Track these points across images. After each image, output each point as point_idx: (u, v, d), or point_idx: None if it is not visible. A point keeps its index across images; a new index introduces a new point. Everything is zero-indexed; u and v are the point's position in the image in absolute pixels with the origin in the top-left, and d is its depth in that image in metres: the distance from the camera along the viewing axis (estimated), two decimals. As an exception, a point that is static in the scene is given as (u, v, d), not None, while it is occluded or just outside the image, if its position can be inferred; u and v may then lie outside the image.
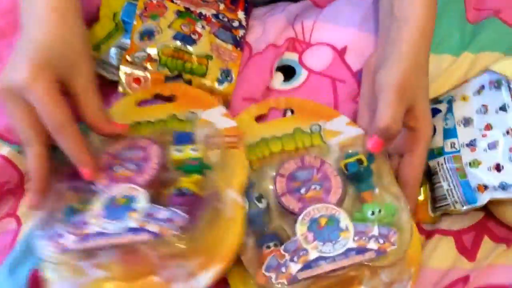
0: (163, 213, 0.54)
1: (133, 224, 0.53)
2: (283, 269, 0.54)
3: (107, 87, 0.70)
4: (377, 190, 0.60)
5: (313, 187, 0.60)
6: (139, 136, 0.62)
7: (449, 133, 0.66)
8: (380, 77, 0.62)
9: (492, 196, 0.61)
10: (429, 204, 0.65)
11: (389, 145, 0.62)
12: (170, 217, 0.53)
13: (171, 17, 0.72)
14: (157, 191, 0.57)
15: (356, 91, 0.72)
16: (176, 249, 0.53)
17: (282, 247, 0.55)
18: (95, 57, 0.70)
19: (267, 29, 0.77)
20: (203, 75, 0.70)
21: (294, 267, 0.54)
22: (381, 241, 0.55)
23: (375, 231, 0.56)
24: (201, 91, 0.69)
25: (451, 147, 0.65)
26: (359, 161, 0.61)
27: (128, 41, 0.70)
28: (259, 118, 0.70)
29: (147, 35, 0.70)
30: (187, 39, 0.71)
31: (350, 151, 0.62)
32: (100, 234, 0.53)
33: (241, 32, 0.76)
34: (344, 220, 0.56)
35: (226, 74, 0.71)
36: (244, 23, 0.77)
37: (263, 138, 0.66)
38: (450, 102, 0.67)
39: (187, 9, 0.74)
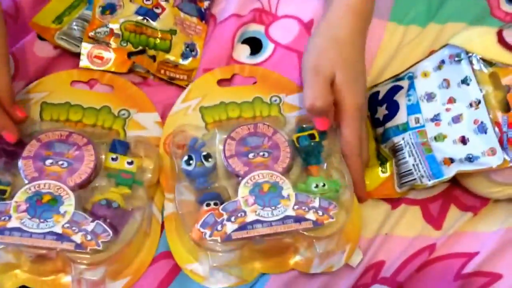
0: (89, 224, 0.54)
1: (57, 229, 0.53)
2: (219, 227, 0.55)
3: (70, 59, 0.71)
4: (325, 166, 0.62)
5: (261, 153, 0.61)
6: (74, 130, 0.61)
7: (413, 108, 0.66)
8: (302, 61, 0.66)
9: (458, 169, 0.61)
10: (395, 180, 0.66)
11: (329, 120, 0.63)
12: (95, 230, 0.53)
13: None
14: (84, 194, 0.57)
15: None
16: (93, 259, 0.54)
17: (221, 206, 0.57)
18: (57, 30, 0.71)
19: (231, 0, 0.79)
20: (167, 50, 0.71)
21: (230, 227, 0.55)
22: (320, 213, 0.56)
23: (316, 203, 0.57)
24: (139, 90, 0.69)
25: (416, 122, 0.65)
26: (311, 136, 0.62)
27: (90, 13, 0.71)
28: (222, 83, 0.71)
29: (109, 9, 0.71)
30: (150, 14, 0.71)
31: (304, 126, 0.64)
32: (19, 230, 0.52)
33: (206, 4, 0.76)
34: (287, 189, 0.58)
35: (190, 49, 0.73)
36: None
37: (222, 102, 0.68)
38: (411, 78, 0.68)
39: None
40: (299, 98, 0.69)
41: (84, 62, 0.68)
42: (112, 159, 0.59)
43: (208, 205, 0.58)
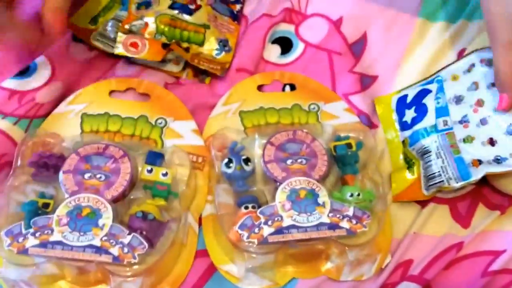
0: (126, 237, 0.55)
1: (96, 242, 0.54)
2: (256, 230, 0.56)
3: (104, 61, 0.72)
4: (360, 176, 0.62)
5: (299, 160, 0.61)
6: (111, 142, 0.62)
7: (441, 111, 0.65)
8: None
9: (487, 171, 0.60)
10: (422, 182, 0.65)
11: None
12: (132, 243, 0.54)
13: None
14: (121, 206, 0.58)
15: (352, 63, 0.74)
16: (131, 271, 0.55)
17: (259, 210, 0.58)
18: (93, 30, 0.72)
19: (262, 0, 0.78)
20: (201, 43, 0.71)
21: (267, 230, 0.56)
22: (354, 221, 0.57)
23: (350, 211, 0.57)
24: (176, 98, 0.69)
25: (444, 125, 0.64)
26: (348, 145, 0.62)
27: (125, 14, 0.72)
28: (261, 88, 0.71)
29: (144, 5, 0.72)
30: (185, 9, 0.72)
31: (341, 135, 0.64)
32: (61, 243, 0.54)
33: (238, 7, 0.77)
34: (323, 197, 0.58)
35: (223, 44, 0.73)
36: None
37: (261, 107, 0.69)
38: (440, 81, 0.67)
39: None
40: (336, 107, 0.69)
41: (119, 49, 0.69)
42: (148, 171, 0.60)
43: (246, 207, 0.59)
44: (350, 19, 0.76)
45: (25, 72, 0.68)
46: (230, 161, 0.61)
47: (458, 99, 0.65)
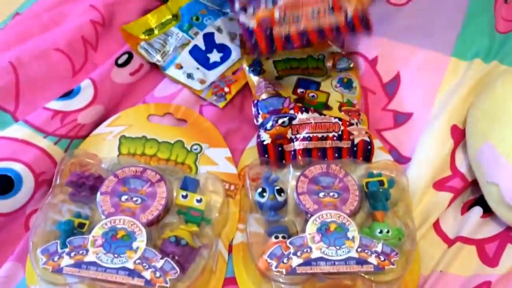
0: (159, 261, 0.56)
1: (129, 265, 0.55)
2: (285, 260, 0.57)
3: (143, 86, 0.76)
4: (390, 213, 0.62)
5: (331, 194, 0.62)
6: (148, 166, 0.63)
7: None
8: None
9: None
10: None
11: None
12: (164, 267, 0.55)
13: None
14: (155, 230, 0.60)
15: (385, 101, 0.75)
16: None
17: (289, 240, 0.58)
18: (143, 40, 0.75)
19: None
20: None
21: (296, 261, 0.57)
22: (382, 258, 0.57)
23: (379, 248, 0.58)
24: (212, 125, 0.71)
25: None
26: (381, 183, 0.63)
27: (178, 31, 0.76)
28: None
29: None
30: None
31: (374, 172, 0.65)
32: (95, 264, 0.55)
33: None
34: (353, 231, 0.59)
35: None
36: None
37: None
38: None
39: None
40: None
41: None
42: (183, 196, 0.61)
43: (276, 237, 0.60)
44: (384, 58, 0.78)
45: (69, 94, 0.70)
46: (264, 190, 0.62)
47: None
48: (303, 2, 0.65)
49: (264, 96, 0.72)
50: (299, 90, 0.73)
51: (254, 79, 0.75)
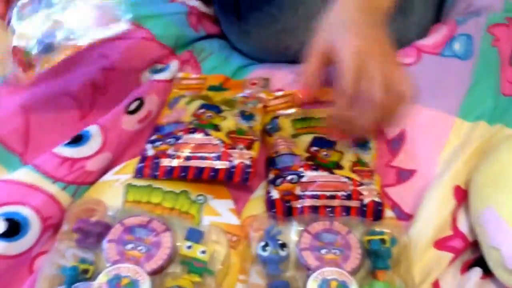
0: None
1: None
2: (286, 316, 0.58)
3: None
4: (391, 272, 0.63)
5: (333, 251, 0.63)
6: (155, 216, 0.64)
7: None
8: None
9: None
10: None
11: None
12: None
13: None
14: (159, 279, 0.60)
15: (389, 158, 0.76)
16: None
17: (289, 297, 0.59)
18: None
19: None
20: None
21: None
22: None
23: (379, 307, 0.58)
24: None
25: None
26: (382, 241, 0.64)
27: None
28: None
29: None
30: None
31: (376, 229, 0.65)
32: None
33: None
34: (353, 290, 0.59)
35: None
36: None
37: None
38: None
39: None
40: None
41: None
42: (187, 247, 0.62)
43: (277, 292, 0.60)
44: None
45: (78, 140, 0.71)
46: (266, 244, 0.63)
47: None
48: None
49: (277, 153, 0.74)
50: (313, 149, 0.74)
51: (272, 137, 0.77)
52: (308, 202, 0.68)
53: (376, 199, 0.69)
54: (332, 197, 0.68)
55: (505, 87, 0.82)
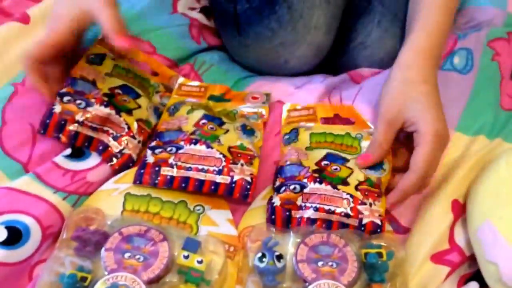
0: None
1: None
2: (280, 329, 0.58)
3: None
4: (387, 286, 0.63)
5: (330, 263, 0.63)
6: (152, 226, 0.65)
7: None
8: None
9: None
10: None
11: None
12: None
13: None
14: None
15: None
16: None
17: (285, 309, 0.60)
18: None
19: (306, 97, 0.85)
20: None
21: None
22: None
23: (374, 320, 0.59)
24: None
25: None
26: (379, 254, 0.64)
27: None
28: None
29: None
30: None
31: (374, 242, 0.66)
32: None
33: None
34: (349, 302, 0.60)
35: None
36: None
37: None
38: None
39: None
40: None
41: None
42: (184, 256, 0.62)
43: (273, 304, 0.60)
44: None
45: (81, 155, 0.72)
46: (263, 255, 0.63)
47: None
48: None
49: (286, 162, 0.74)
50: (324, 163, 0.74)
51: (286, 147, 0.77)
52: (307, 214, 0.68)
53: (376, 221, 0.68)
54: (331, 212, 0.68)
55: (505, 102, 0.82)
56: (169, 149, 0.73)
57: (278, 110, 0.84)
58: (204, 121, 0.77)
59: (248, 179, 0.71)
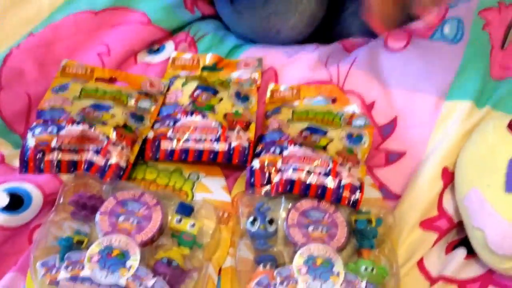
0: (150, 280, 0.58)
1: (122, 282, 0.58)
2: (270, 290, 0.60)
3: None
4: (376, 251, 0.65)
5: (320, 228, 0.65)
6: (146, 191, 0.66)
7: None
8: None
9: None
10: None
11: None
12: (155, 286, 0.58)
13: None
14: (149, 250, 0.62)
15: (379, 141, 0.78)
16: None
17: (276, 270, 0.61)
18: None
19: (299, 65, 0.86)
20: None
21: None
22: None
23: (363, 285, 0.60)
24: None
25: None
26: (369, 221, 0.65)
27: None
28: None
29: None
30: None
31: (363, 209, 0.67)
32: (90, 280, 0.58)
33: None
34: (338, 267, 0.61)
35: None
36: None
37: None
38: None
39: None
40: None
41: None
42: (177, 220, 0.64)
43: (264, 266, 0.62)
44: (381, 104, 0.81)
45: None
46: (255, 219, 0.65)
47: None
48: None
49: (267, 130, 0.75)
50: (304, 133, 0.75)
51: (268, 120, 0.79)
52: (286, 175, 0.69)
53: (355, 183, 0.68)
54: (310, 172, 0.68)
55: (495, 71, 0.83)
56: (167, 122, 0.74)
57: (269, 75, 0.86)
58: (198, 92, 0.78)
59: (246, 144, 0.72)
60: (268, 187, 0.69)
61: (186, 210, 0.65)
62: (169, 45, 0.90)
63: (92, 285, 0.58)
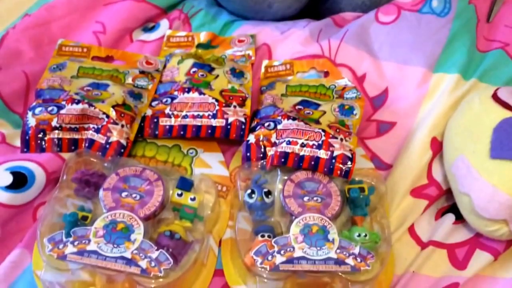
0: (154, 252, 0.60)
1: (127, 254, 0.59)
2: (269, 257, 0.62)
3: None
4: (368, 218, 0.67)
5: (315, 198, 0.67)
6: (147, 167, 0.68)
7: None
8: None
9: None
10: None
11: None
12: (159, 258, 0.60)
13: None
14: (152, 224, 0.64)
15: (370, 113, 0.80)
16: (155, 284, 0.60)
17: (274, 239, 0.63)
18: None
19: (291, 40, 0.87)
20: None
21: (279, 259, 0.62)
22: (359, 260, 0.62)
23: (356, 250, 0.62)
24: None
25: None
26: (361, 189, 0.68)
27: None
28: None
29: None
30: None
31: (356, 179, 0.70)
32: (96, 253, 0.59)
33: None
34: (333, 234, 0.63)
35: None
36: None
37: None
38: None
39: None
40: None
41: None
42: (178, 194, 0.66)
43: (262, 236, 0.65)
44: (372, 76, 0.83)
45: None
46: (252, 192, 0.67)
47: None
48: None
49: (262, 105, 0.78)
50: (298, 107, 0.77)
51: (263, 95, 0.81)
52: (280, 148, 0.71)
53: (347, 154, 0.69)
54: (303, 145, 0.70)
55: (481, 44, 0.85)
56: (164, 100, 0.76)
57: (263, 51, 0.87)
58: (194, 69, 0.80)
59: (242, 119, 0.74)
60: (263, 161, 0.71)
61: (186, 184, 0.67)
62: (164, 23, 0.91)
63: (99, 258, 0.60)
